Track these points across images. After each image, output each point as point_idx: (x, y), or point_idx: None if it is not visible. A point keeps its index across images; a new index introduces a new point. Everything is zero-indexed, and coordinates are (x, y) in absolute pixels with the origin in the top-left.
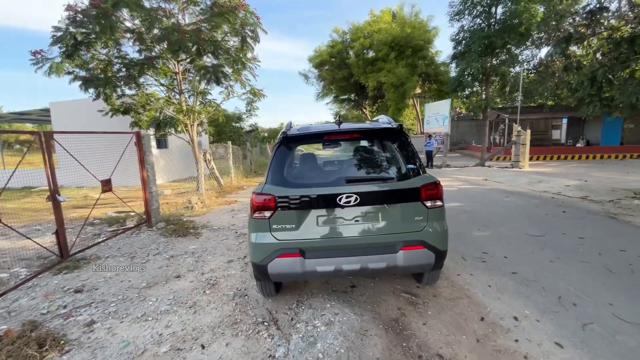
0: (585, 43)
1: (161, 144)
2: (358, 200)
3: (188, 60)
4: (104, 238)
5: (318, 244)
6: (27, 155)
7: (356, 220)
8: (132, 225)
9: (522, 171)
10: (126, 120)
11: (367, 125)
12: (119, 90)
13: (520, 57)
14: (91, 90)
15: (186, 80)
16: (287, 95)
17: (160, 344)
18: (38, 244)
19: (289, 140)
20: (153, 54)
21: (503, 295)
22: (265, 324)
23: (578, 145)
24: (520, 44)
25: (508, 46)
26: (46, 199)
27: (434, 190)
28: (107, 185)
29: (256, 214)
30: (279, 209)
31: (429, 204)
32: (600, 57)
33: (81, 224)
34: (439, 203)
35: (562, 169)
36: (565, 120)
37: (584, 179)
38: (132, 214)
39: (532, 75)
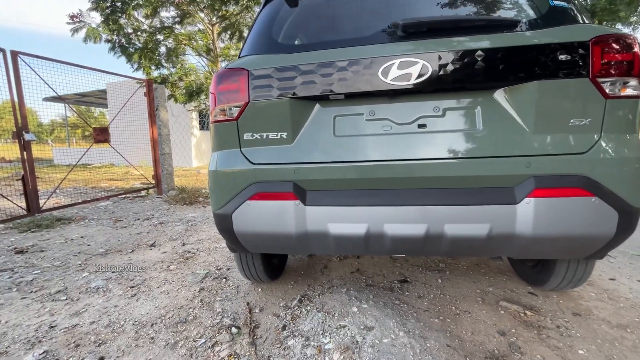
0: None
1: (204, 125)
2: (429, 73)
3: (219, 16)
4: (88, 199)
5: (334, 175)
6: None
7: (421, 126)
8: (138, 189)
9: None
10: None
11: None
12: (156, 60)
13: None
14: (126, 58)
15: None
16: None
17: (34, 345)
18: (5, 197)
19: None
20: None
21: None
22: (234, 330)
23: None
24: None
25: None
26: (12, 137)
27: (624, 54)
28: (101, 135)
29: (217, 113)
30: (258, 99)
31: (608, 85)
32: None
33: (99, 191)
34: (631, 88)
35: None
36: None
37: None
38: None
39: None
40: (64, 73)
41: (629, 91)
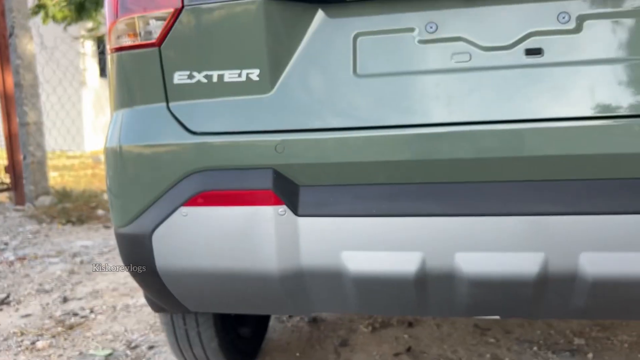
0: None
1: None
2: None
3: None
4: None
5: (355, 154)
6: None
7: (532, 54)
8: None
9: None
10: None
11: None
12: None
13: None
14: None
15: None
16: None
17: None
18: None
19: None
20: None
21: None
22: None
23: None
24: None
25: None
26: None
27: None
28: None
29: (119, 32)
30: (201, 1)
31: None
32: None
33: None
34: None
35: None
36: None
37: None
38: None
39: None
40: None
41: None
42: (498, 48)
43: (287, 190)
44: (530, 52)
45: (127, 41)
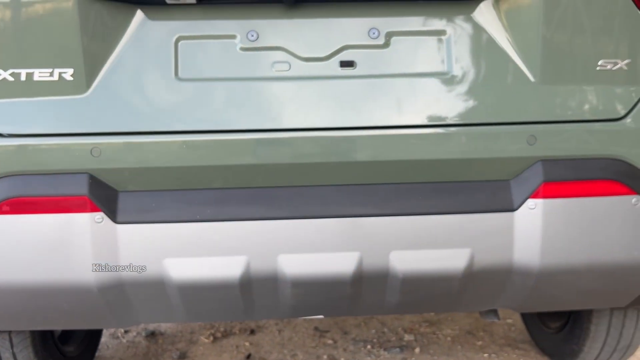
0: None
1: None
2: None
3: None
4: None
5: (176, 159)
6: None
7: (346, 66)
8: None
9: None
10: None
11: None
12: None
13: None
14: None
15: None
16: None
17: None
18: None
19: None
20: None
21: None
22: None
23: None
24: None
25: None
26: None
27: None
28: None
29: None
30: None
31: None
32: None
33: None
34: None
35: None
36: None
37: None
38: None
39: None
40: None
41: None
42: (315, 59)
43: (105, 196)
44: (344, 64)
45: None
